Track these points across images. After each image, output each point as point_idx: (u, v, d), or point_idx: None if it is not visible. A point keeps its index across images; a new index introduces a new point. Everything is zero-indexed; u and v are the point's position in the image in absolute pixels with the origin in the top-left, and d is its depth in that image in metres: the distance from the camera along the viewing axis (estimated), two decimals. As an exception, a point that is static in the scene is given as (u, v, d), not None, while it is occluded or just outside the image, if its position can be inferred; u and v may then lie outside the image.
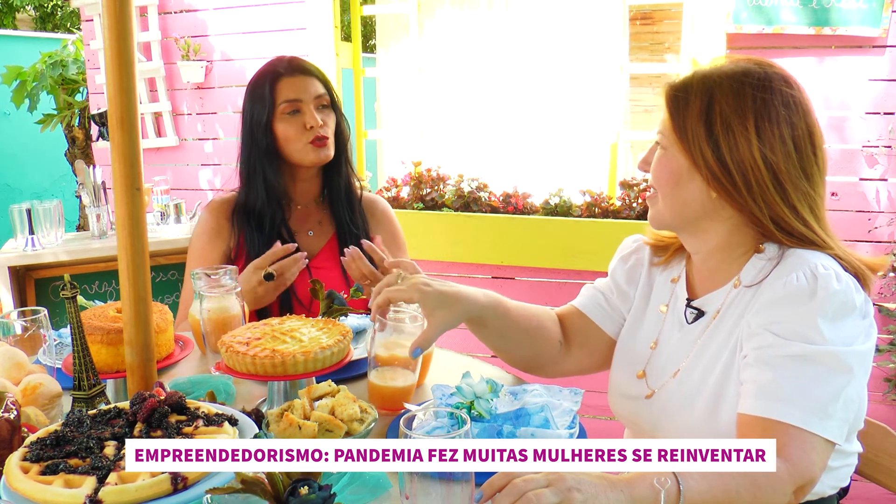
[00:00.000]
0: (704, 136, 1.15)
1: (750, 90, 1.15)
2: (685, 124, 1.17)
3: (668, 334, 1.32)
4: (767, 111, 1.14)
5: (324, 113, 1.90)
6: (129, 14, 1.25)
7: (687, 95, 1.18)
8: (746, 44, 2.68)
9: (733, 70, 1.18)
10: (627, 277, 1.42)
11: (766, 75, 1.16)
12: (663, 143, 1.23)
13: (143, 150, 1.32)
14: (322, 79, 1.93)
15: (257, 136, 1.88)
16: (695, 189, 1.19)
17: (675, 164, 1.20)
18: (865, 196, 2.65)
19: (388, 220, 2.05)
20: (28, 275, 2.81)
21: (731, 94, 1.15)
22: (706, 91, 1.17)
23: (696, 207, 1.20)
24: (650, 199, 1.28)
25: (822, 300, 1.08)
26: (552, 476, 0.91)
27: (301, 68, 1.90)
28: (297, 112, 1.86)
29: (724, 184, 1.15)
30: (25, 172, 7.01)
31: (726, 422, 1.15)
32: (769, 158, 1.13)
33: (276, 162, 1.89)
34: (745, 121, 1.13)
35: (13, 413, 1.06)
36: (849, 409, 1.09)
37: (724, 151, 1.14)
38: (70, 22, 10.89)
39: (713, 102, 1.15)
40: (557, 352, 1.42)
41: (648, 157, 1.27)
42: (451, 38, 3.23)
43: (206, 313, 1.38)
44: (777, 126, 1.14)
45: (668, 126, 1.21)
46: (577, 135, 3.12)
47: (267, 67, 1.92)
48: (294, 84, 1.87)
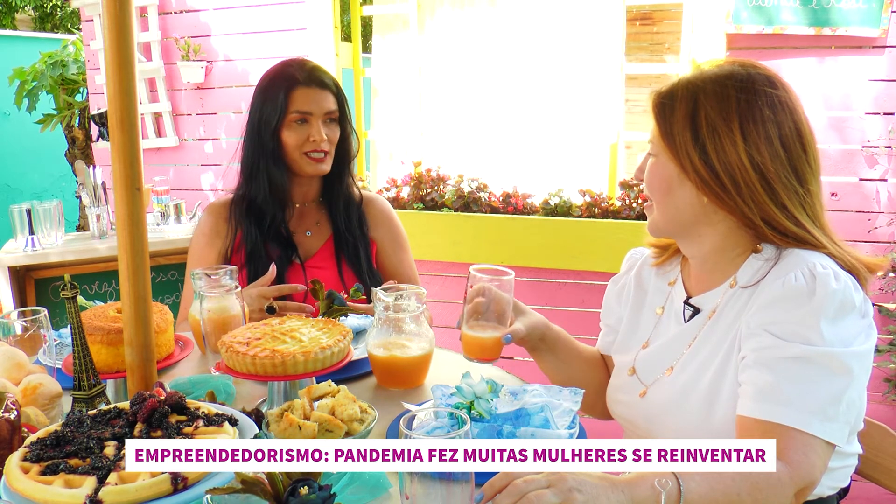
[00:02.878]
0: (691, 140, 1.16)
1: (734, 92, 1.15)
2: (672, 130, 1.18)
3: (663, 332, 1.33)
4: (752, 112, 1.14)
5: (330, 128, 1.91)
6: (129, 14, 1.25)
7: (672, 102, 1.19)
8: (746, 44, 2.68)
9: (717, 74, 1.19)
10: (617, 297, 1.47)
11: (749, 77, 1.17)
12: (653, 150, 1.24)
13: (143, 150, 1.32)
14: (336, 92, 1.93)
15: (264, 136, 1.89)
16: (686, 195, 1.20)
17: (665, 171, 1.21)
18: (865, 196, 2.65)
19: (386, 219, 2.06)
20: (28, 275, 2.81)
21: (715, 98, 1.16)
22: (690, 96, 1.17)
23: (689, 213, 1.21)
24: (646, 209, 1.29)
25: (822, 300, 1.08)
26: (553, 477, 0.91)
27: (318, 81, 1.90)
28: (305, 122, 1.88)
29: (714, 187, 1.15)
30: (25, 172, 7.00)
31: (721, 421, 1.15)
32: (756, 159, 1.13)
33: (279, 162, 1.91)
34: (730, 123, 1.14)
35: (13, 413, 1.06)
36: (850, 411, 1.09)
37: (712, 155, 1.14)
38: (70, 22, 10.89)
39: (698, 107, 1.16)
40: (602, 397, 1.47)
41: (642, 166, 1.28)
42: (450, 38, 3.23)
43: (206, 313, 1.38)
44: (762, 126, 1.14)
45: (656, 134, 1.22)
46: (576, 135, 3.12)
47: (284, 70, 1.91)
48: (309, 96, 1.88)
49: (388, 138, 3.50)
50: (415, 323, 1.46)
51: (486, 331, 1.34)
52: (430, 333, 1.47)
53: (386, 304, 1.44)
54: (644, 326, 1.38)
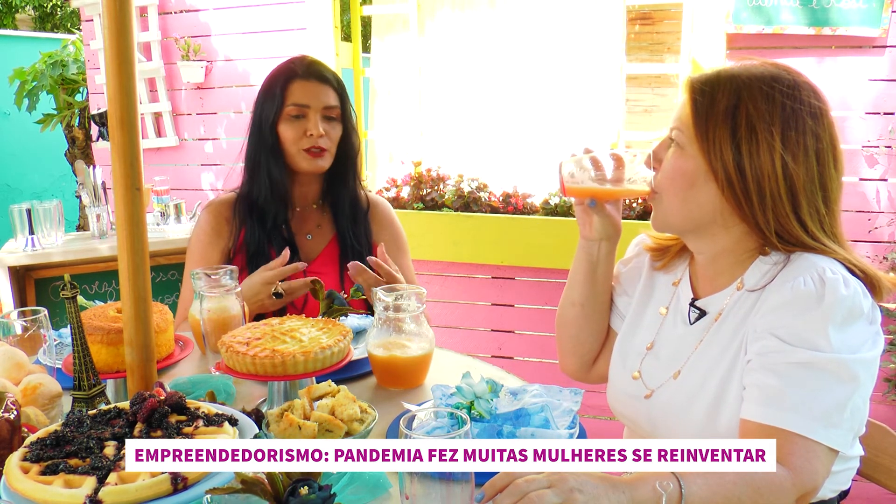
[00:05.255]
0: (728, 137, 1.11)
1: (780, 97, 1.11)
2: (707, 123, 1.12)
3: (668, 335, 1.30)
4: (795, 120, 1.10)
5: (328, 124, 1.86)
6: (129, 14, 1.25)
7: (713, 91, 1.13)
8: (746, 44, 2.68)
9: (762, 73, 1.13)
10: (628, 279, 1.42)
11: (795, 83, 1.13)
12: (680, 139, 1.17)
13: (143, 150, 1.32)
14: (338, 88, 1.89)
15: (264, 132, 1.87)
16: (709, 192, 1.15)
17: (690, 164, 1.15)
18: (865, 196, 2.65)
19: (389, 223, 2.04)
20: (28, 275, 2.81)
21: (761, 98, 1.11)
22: (734, 91, 1.12)
23: (708, 210, 1.16)
24: (654, 200, 1.23)
25: (830, 305, 1.06)
26: (554, 477, 0.91)
27: (318, 74, 1.86)
28: (302, 117, 1.84)
29: (737, 191, 1.11)
30: (25, 172, 7.01)
31: (726, 424, 1.14)
32: (790, 168, 1.10)
33: (279, 160, 1.88)
34: (772, 126, 1.09)
35: (13, 413, 1.06)
36: (855, 418, 1.08)
37: (745, 156, 1.10)
38: (70, 22, 10.88)
39: (740, 104, 1.11)
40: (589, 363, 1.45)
41: (659, 151, 1.21)
42: (450, 38, 3.23)
43: (206, 313, 1.38)
44: (803, 136, 1.10)
45: (688, 123, 1.15)
46: (577, 135, 3.12)
47: (285, 65, 1.89)
48: (306, 88, 1.84)
49: (388, 138, 3.50)
50: (415, 323, 1.46)
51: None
52: (430, 333, 1.47)
53: (386, 304, 1.44)
54: (647, 326, 1.35)
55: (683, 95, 1.18)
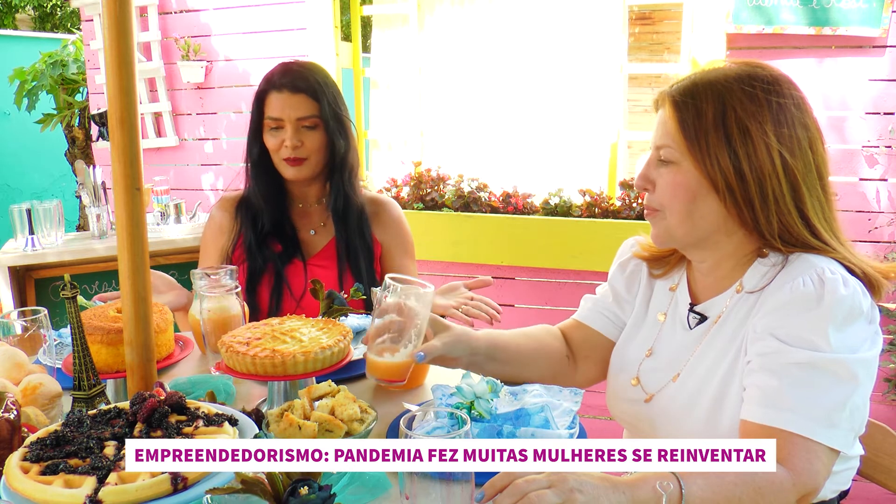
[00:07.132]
0: (723, 144, 1.10)
1: (763, 94, 1.10)
2: (698, 134, 1.11)
3: (667, 341, 1.30)
4: (784, 114, 1.10)
5: (305, 134, 1.86)
6: (129, 14, 1.25)
7: (696, 102, 1.12)
8: (746, 44, 2.68)
9: (738, 74, 1.13)
10: (626, 284, 1.40)
11: (773, 78, 1.13)
12: (670, 156, 1.15)
13: (143, 150, 1.32)
14: (315, 95, 1.85)
15: (251, 140, 1.94)
16: (711, 203, 1.14)
17: (688, 179, 1.14)
18: (865, 196, 2.65)
19: (395, 225, 2.06)
20: (28, 275, 2.81)
21: (746, 99, 1.10)
22: (716, 97, 1.11)
23: (711, 221, 1.16)
24: (653, 217, 1.21)
25: (830, 306, 1.06)
26: (554, 477, 0.91)
27: (290, 84, 1.84)
28: (280, 128, 1.87)
29: (738, 197, 1.11)
30: (25, 172, 7.01)
31: (728, 426, 1.14)
32: (789, 164, 1.10)
33: (269, 165, 1.93)
34: (764, 125, 1.09)
35: (13, 413, 1.06)
36: (855, 418, 1.08)
37: (743, 160, 1.09)
38: (70, 22, 10.88)
39: (727, 109, 1.10)
40: (566, 367, 1.43)
41: (649, 173, 1.19)
42: (450, 37, 3.23)
43: (206, 313, 1.38)
44: (794, 129, 1.11)
45: (677, 138, 1.14)
46: (576, 135, 3.12)
47: (268, 74, 1.91)
48: (280, 101, 1.84)
49: (388, 138, 3.50)
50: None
51: (397, 351, 1.21)
52: (430, 333, 1.46)
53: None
54: (646, 332, 1.34)
55: (663, 111, 1.17)
